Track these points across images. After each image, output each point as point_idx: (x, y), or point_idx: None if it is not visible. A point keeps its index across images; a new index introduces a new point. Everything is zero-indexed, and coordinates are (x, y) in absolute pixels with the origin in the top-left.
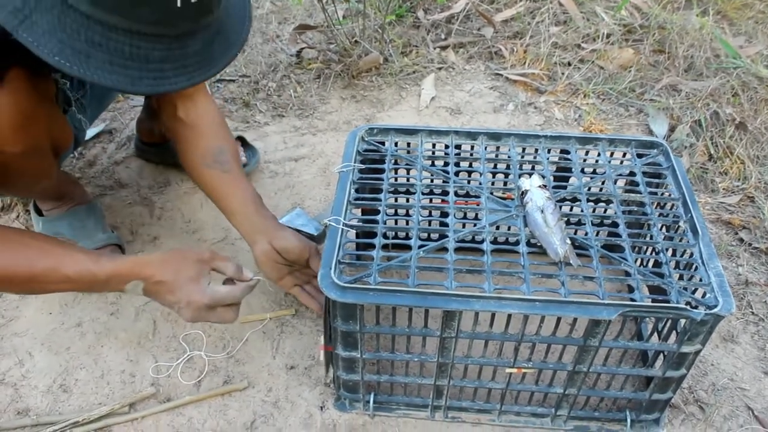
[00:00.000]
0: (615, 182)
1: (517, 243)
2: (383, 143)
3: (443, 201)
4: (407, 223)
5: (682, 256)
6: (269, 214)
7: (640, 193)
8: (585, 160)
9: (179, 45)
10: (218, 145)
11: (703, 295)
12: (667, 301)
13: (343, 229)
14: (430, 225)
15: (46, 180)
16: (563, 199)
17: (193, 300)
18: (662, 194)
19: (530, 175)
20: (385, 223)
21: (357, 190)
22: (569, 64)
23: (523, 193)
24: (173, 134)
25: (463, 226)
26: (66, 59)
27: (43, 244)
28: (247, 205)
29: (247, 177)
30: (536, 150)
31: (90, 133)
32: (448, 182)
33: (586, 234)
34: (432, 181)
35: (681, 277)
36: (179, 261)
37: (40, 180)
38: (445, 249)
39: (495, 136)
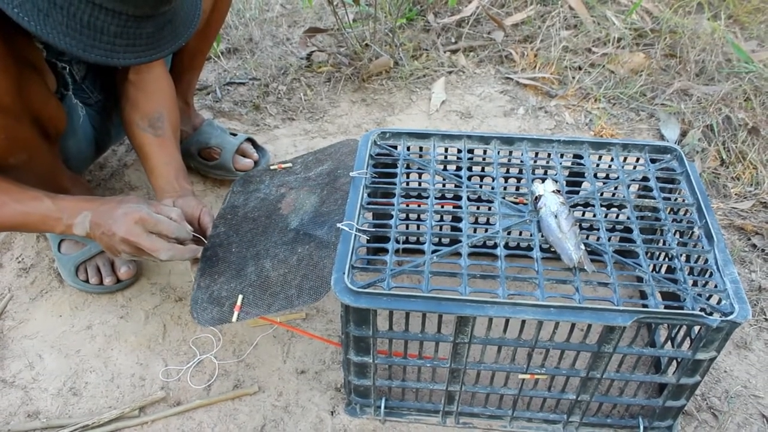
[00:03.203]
0: (628, 187)
1: (530, 248)
2: (396, 147)
3: (455, 206)
4: (419, 228)
5: (696, 262)
6: (187, 185)
7: (654, 198)
8: (598, 165)
9: (134, 25)
10: (158, 111)
11: (718, 302)
12: (682, 308)
13: (356, 234)
14: (442, 230)
15: (24, 152)
16: (576, 204)
17: (131, 212)
18: (676, 200)
19: (543, 180)
20: (397, 228)
21: (369, 195)
22: (580, 68)
23: (537, 198)
24: (121, 92)
25: (475, 231)
26: (25, 14)
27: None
28: (169, 169)
29: (177, 147)
30: (549, 155)
31: None
32: (460, 187)
33: (599, 239)
34: (444, 185)
35: (695, 284)
36: (126, 198)
37: (16, 150)
38: (458, 254)
39: (508, 141)
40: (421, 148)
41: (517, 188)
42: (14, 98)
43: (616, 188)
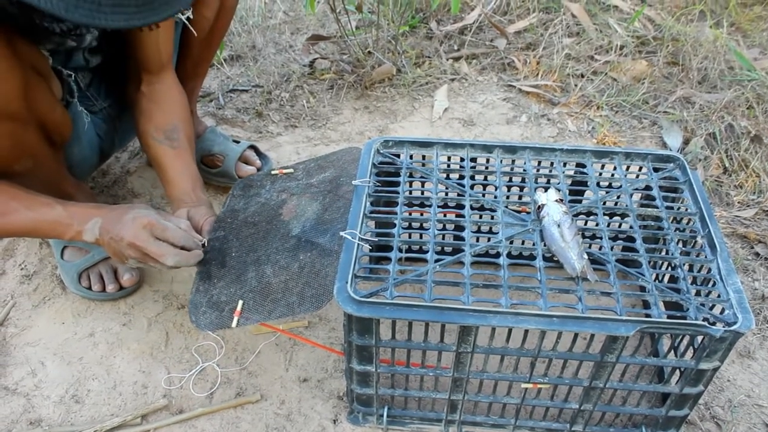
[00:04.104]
0: (631, 196)
1: (533, 257)
2: (398, 156)
3: (458, 214)
4: (421, 237)
5: (699, 271)
6: (203, 195)
7: (657, 207)
8: (601, 174)
9: None
10: (173, 123)
11: (722, 312)
12: (685, 317)
13: (358, 242)
14: (444, 239)
15: (29, 159)
16: (579, 213)
17: (139, 217)
18: (679, 209)
19: (546, 188)
20: (400, 237)
21: (372, 203)
22: (582, 75)
23: (540, 207)
24: (134, 105)
25: (477, 240)
26: None
27: (9, 188)
28: (186, 179)
29: (194, 157)
30: (552, 163)
31: None
32: (463, 195)
33: (601, 248)
34: (447, 194)
35: (698, 293)
36: (135, 205)
37: (22, 156)
38: (461, 263)
39: (510, 149)
40: (423, 157)
41: (520, 197)
42: (21, 105)
43: (618, 197)
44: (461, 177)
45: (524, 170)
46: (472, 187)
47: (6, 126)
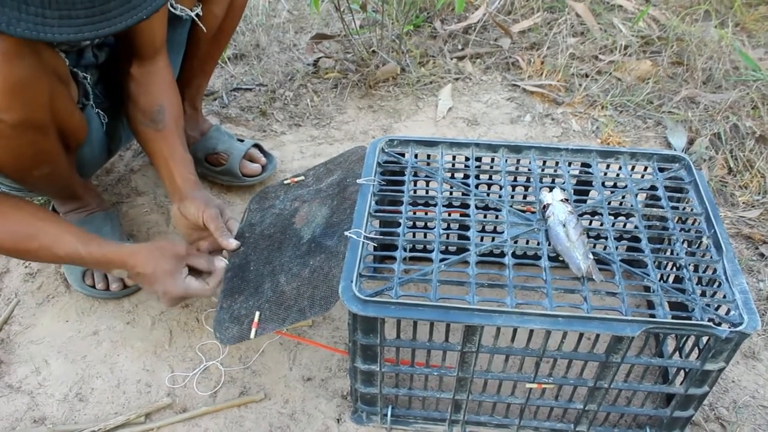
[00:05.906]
0: (636, 196)
1: (538, 257)
2: (403, 155)
3: (463, 214)
4: (425, 236)
5: (705, 272)
6: (190, 176)
7: (662, 207)
8: (606, 174)
9: None
10: (159, 104)
11: (727, 312)
12: (690, 318)
13: (363, 241)
14: (449, 238)
15: (47, 165)
16: (584, 213)
17: (168, 291)
18: (684, 209)
19: (551, 188)
20: (405, 236)
21: (377, 202)
22: (586, 75)
23: (545, 207)
24: (123, 89)
25: (482, 239)
26: None
27: (39, 222)
28: (168, 164)
29: (180, 138)
30: (557, 163)
31: None
32: (468, 195)
33: (606, 248)
34: (452, 193)
35: (704, 294)
36: (159, 256)
37: (41, 164)
38: (466, 262)
39: (516, 149)
40: (428, 156)
41: (525, 197)
42: (46, 113)
43: (624, 197)
44: (466, 176)
45: (529, 170)
46: (477, 186)
47: (30, 135)
